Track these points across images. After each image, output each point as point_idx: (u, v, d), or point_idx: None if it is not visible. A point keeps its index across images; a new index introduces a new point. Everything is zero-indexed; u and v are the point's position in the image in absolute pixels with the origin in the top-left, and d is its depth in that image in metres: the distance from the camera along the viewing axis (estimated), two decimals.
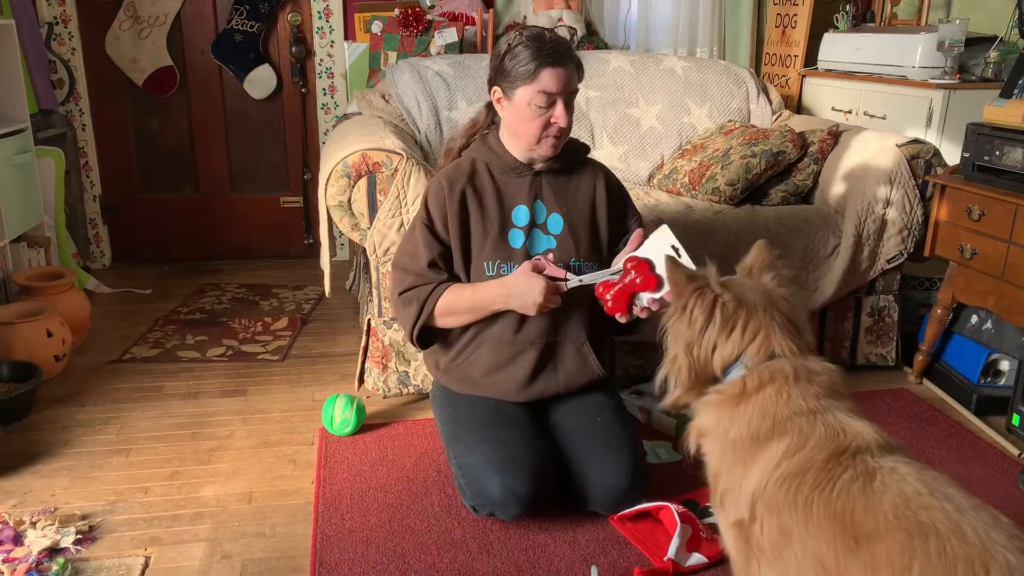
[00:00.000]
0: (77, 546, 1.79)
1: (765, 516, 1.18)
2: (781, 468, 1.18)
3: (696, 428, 1.35)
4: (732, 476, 1.26)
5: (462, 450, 1.89)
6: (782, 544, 1.16)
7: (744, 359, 1.30)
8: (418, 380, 2.52)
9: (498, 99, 1.90)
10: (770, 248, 1.41)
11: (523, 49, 1.80)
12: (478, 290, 1.87)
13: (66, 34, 3.73)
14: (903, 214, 2.61)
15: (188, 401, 2.55)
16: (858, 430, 1.18)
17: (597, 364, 1.98)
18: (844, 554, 1.07)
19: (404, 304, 1.93)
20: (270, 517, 1.94)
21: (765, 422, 1.23)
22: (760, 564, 1.22)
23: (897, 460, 1.14)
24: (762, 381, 1.26)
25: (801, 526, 1.13)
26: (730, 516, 1.26)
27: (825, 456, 1.15)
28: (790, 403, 1.23)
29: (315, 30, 3.87)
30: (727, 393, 1.30)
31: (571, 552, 1.80)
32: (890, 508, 1.06)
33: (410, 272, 1.93)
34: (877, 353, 2.80)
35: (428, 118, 2.98)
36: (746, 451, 1.24)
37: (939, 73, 2.99)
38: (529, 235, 1.92)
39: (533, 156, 1.92)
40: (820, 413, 1.21)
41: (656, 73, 3.24)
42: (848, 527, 1.08)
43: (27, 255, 3.13)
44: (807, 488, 1.13)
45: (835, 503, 1.10)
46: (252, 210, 4.14)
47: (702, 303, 1.31)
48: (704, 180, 2.80)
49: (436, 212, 1.92)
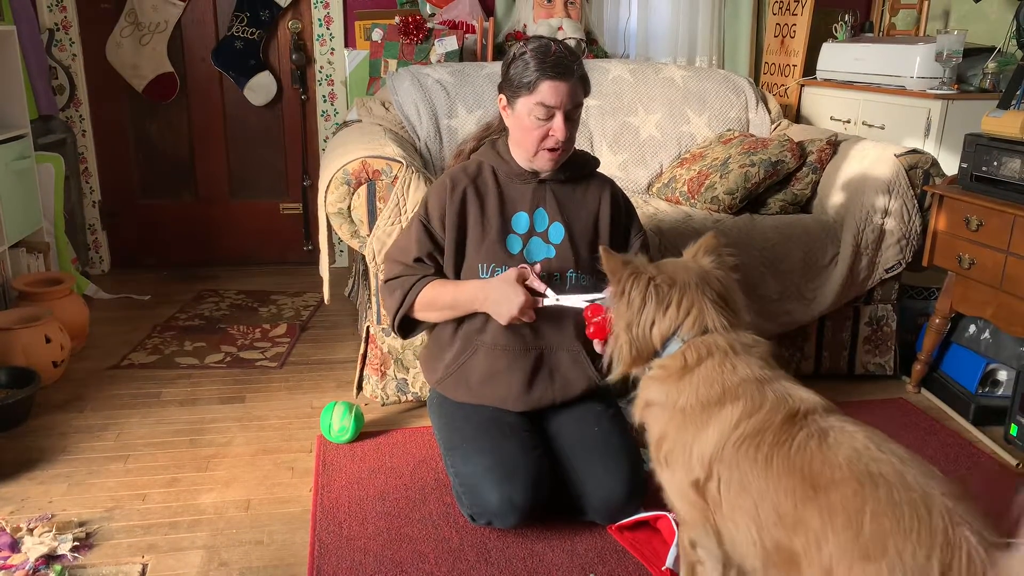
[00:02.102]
0: (74, 553, 1.79)
1: (723, 473, 1.30)
2: (740, 429, 1.29)
3: (642, 401, 1.47)
4: (682, 438, 1.37)
5: (460, 459, 1.89)
6: (740, 497, 1.27)
7: (680, 333, 1.42)
8: (416, 387, 2.52)
9: (503, 106, 1.91)
10: (718, 237, 1.55)
11: (527, 59, 1.81)
12: (460, 287, 1.90)
13: (67, 40, 3.74)
14: (901, 224, 2.62)
15: (186, 408, 2.55)
16: (802, 395, 1.32)
17: (594, 372, 1.97)
18: (802, 501, 1.18)
19: (389, 292, 1.98)
20: (268, 525, 1.94)
21: (714, 389, 1.35)
22: (716, 519, 1.34)
23: (842, 420, 1.27)
24: (700, 355, 1.39)
25: (761, 479, 1.24)
26: (681, 476, 1.37)
27: (781, 418, 1.28)
28: (736, 372, 1.35)
29: (315, 37, 3.88)
30: (670, 368, 1.41)
31: (569, 561, 1.79)
32: (844, 461, 1.18)
33: (398, 263, 1.97)
34: (875, 362, 2.80)
35: (428, 126, 2.99)
36: (697, 416, 1.35)
37: (937, 83, 3.01)
38: (527, 242, 1.93)
39: (534, 167, 1.93)
40: (766, 382, 1.34)
41: (655, 82, 3.25)
42: (807, 478, 1.19)
43: (26, 261, 3.13)
44: (766, 446, 1.25)
45: (794, 458, 1.22)
46: (251, 217, 4.15)
47: (638, 285, 1.42)
48: (703, 189, 2.81)
49: (435, 209, 1.94)
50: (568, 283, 1.93)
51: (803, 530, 1.17)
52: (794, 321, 2.64)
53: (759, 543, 1.25)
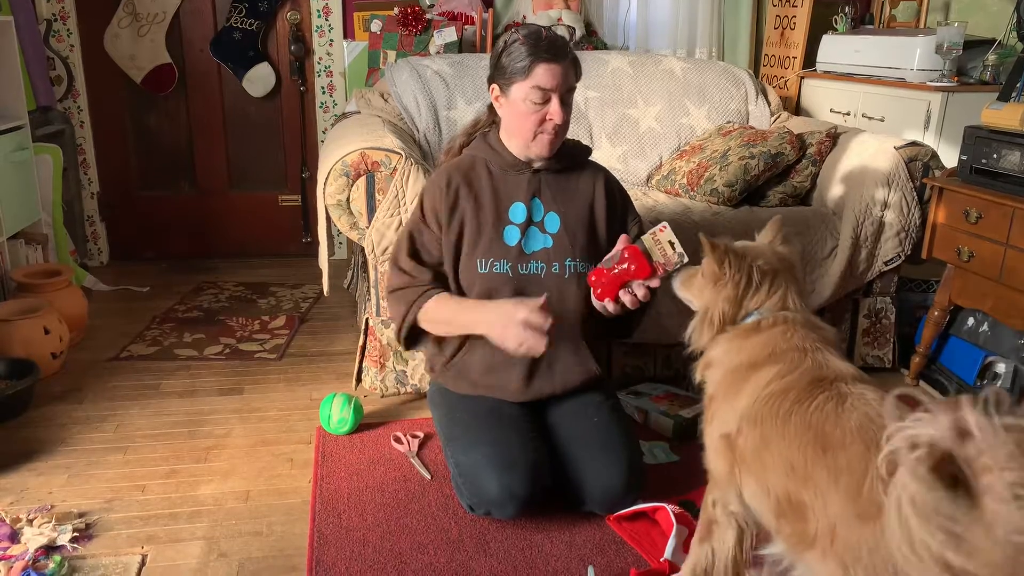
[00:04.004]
0: (74, 544, 1.79)
1: (748, 427, 1.38)
2: (769, 388, 1.37)
3: (705, 360, 1.55)
4: (727, 398, 1.45)
5: (460, 449, 1.89)
6: (761, 449, 1.34)
7: (762, 310, 1.51)
8: (415, 379, 2.52)
9: (496, 96, 1.91)
10: (782, 223, 1.63)
11: (519, 46, 1.82)
12: (463, 306, 1.89)
13: (64, 31, 3.73)
14: (901, 216, 2.62)
15: (185, 399, 2.55)
16: (839, 366, 1.38)
17: (594, 363, 1.98)
18: (813, 458, 1.24)
19: (395, 302, 1.97)
20: (267, 516, 1.94)
21: (764, 351, 1.43)
22: (740, 471, 1.41)
23: (865, 388, 1.32)
24: (775, 321, 1.48)
25: (779, 433, 1.31)
26: (718, 430, 1.46)
27: (808, 381, 1.34)
28: (790, 340, 1.43)
29: (314, 28, 3.87)
30: (742, 329, 1.50)
31: (568, 552, 1.80)
32: (855, 425, 1.23)
33: (402, 271, 1.95)
34: (874, 355, 2.81)
35: (427, 117, 2.98)
36: (743, 376, 1.44)
37: (937, 76, 3.00)
38: (525, 232, 1.93)
39: (530, 155, 1.92)
40: (812, 352, 1.41)
41: (655, 74, 3.25)
42: (819, 437, 1.25)
43: (25, 252, 3.12)
44: (788, 403, 1.33)
45: (810, 416, 1.29)
46: (250, 208, 4.14)
47: (740, 266, 1.52)
48: (702, 181, 2.81)
49: (430, 208, 1.93)
50: (567, 271, 1.92)
51: (812, 485, 1.23)
52: None
53: (772, 493, 1.32)
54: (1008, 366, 2.52)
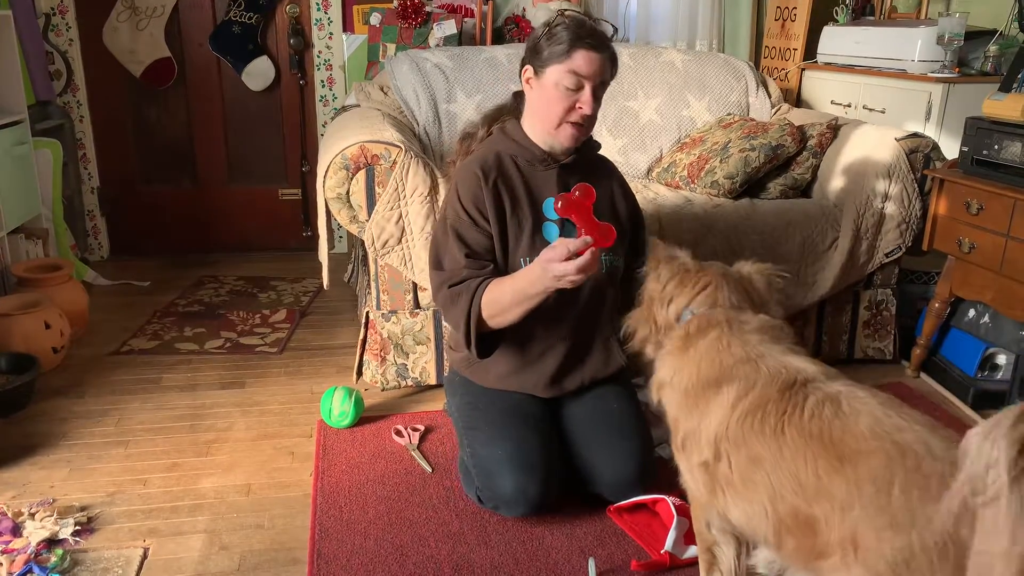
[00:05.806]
0: (76, 537, 1.80)
1: (731, 451, 1.32)
2: (739, 408, 1.32)
3: (656, 381, 1.52)
4: (691, 420, 1.41)
5: (480, 441, 1.88)
6: (751, 471, 1.28)
7: (691, 306, 1.50)
8: (416, 372, 2.53)
9: (527, 79, 1.89)
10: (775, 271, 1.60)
11: (562, 30, 1.81)
12: (515, 276, 1.78)
13: (63, 25, 3.72)
14: (902, 208, 2.61)
15: (186, 393, 2.55)
16: (798, 365, 1.33)
17: (621, 354, 1.99)
18: (827, 471, 1.18)
19: (452, 301, 1.83)
20: (268, 509, 1.94)
21: (711, 370, 1.39)
22: (726, 495, 1.35)
23: (847, 384, 1.28)
24: (700, 327, 1.45)
25: (774, 451, 1.25)
26: (694, 458, 1.40)
27: (778, 391, 1.29)
28: (729, 350, 1.39)
29: (313, 22, 3.86)
30: (675, 340, 1.49)
31: (568, 544, 1.80)
32: (867, 430, 1.17)
33: (447, 271, 1.85)
34: (875, 347, 2.80)
35: (427, 110, 2.98)
36: (699, 396, 1.40)
37: (939, 67, 2.99)
38: (563, 227, 1.88)
39: (553, 144, 1.89)
40: (760, 358, 1.36)
41: (655, 66, 3.24)
42: (829, 447, 1.19)
43: (25, 247, 3.12)
44: (772, 417, 1.27)
45: (809, 426, 1.23)
46: (250, 202, 4.14)
47: (669, 265, 1.54)
48: (703, 173, 2.80)
49: (470, 201, 1.85)
50: (603, 266, 1.91)
51: (826, 499, 1.17)
52: (794, 305, 2.64)
53: (772, 512, 1.26)
54: (1009, 357, 2.52)
